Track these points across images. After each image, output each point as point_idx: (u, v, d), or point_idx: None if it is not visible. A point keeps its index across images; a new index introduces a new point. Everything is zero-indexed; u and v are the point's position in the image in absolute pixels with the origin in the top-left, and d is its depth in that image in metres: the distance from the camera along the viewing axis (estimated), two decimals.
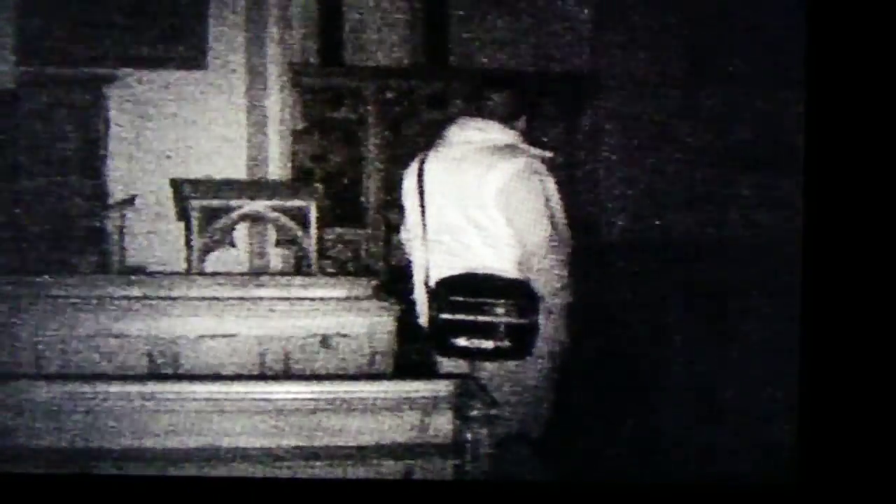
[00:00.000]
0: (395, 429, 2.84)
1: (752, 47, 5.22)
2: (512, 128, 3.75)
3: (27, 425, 2.73)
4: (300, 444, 2.80)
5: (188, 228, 5.70)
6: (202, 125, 6.35)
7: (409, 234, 3.86)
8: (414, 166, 3.82)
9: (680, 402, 4.64)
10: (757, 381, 4.23)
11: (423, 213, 3.76)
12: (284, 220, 5.80)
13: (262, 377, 3.58)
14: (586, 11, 6.81)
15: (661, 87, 6.34)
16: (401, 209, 3.93)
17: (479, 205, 3.64)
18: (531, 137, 3.82)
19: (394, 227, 6.42)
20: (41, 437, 2.73)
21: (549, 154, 3.77)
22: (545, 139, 3.90)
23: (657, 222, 6.17)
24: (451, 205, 3.69)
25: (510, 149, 3.69)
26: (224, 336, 3.70)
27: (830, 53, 2.97)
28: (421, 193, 3.76)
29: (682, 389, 4.73)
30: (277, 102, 6.54)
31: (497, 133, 3.72)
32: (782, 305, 3.31)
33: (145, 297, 3.91)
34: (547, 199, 3.66)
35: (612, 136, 6.79)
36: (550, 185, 3.70)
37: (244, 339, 3.71)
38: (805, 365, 2.98)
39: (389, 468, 2.80)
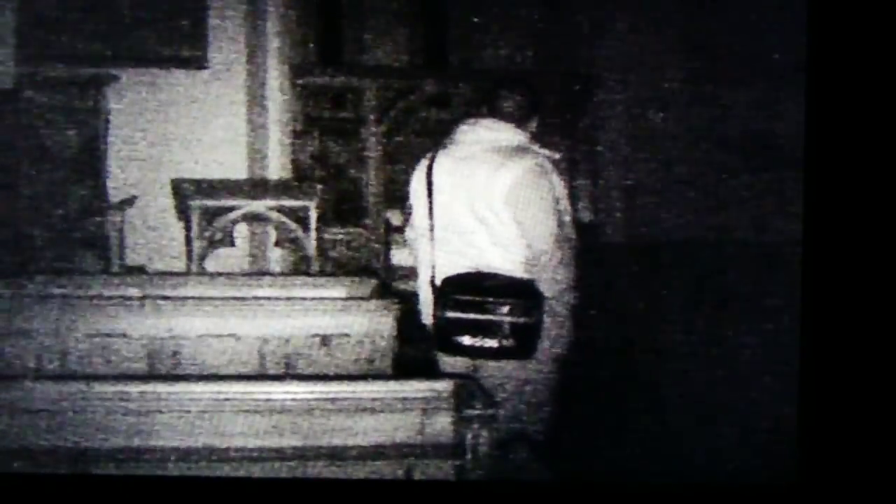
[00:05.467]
0: (395, 429, 2.83)
1: (752, 47, 5.22)
2: (523, 129, 3.76)
3: (27, 425, 2.73)
4: (300, 444, 2.80)
5: (188, 228, 5.70)
6: (202, 125, 6.35)
7: (416, 232, 3.86)
8: (423, 164, 3.82)
9: (680, 401, 4.64)
10: (757, 381, 4.23)
11: (430, 210, 3.76)
12: (284, 220, 5.80)
13: (262, 377, 3.58)
14: (586, 11, 6.82)
15: (660, 87, 6.34)
16: (403, 208, 3.94)
17: (487, 204, 3.65)
18: (540, 138, 3.83)
19: (393, 228, 6.43)
20: (41, 437, 2.73)
21: (557, 155, 3.79)
22: (545, 139, 3.90)
23: (657, 222, 6.17)
24: (460, 204, 3.70)
25: (520, 149, 3.70)
26: (224, 336, 3.70)
27: (830, 53, 2.97)
28: (429, 192, 3.76)
29: (683, 389, 4.73)
30: (277, 102, 6.54)
31: (507, 133, 3.73)
32: (782, 305, 3.31)
33: (145, 297, 3.91)
34: (555, 200, 3.67)
35: (612, 136, 6.78)
36: (559, 185, 3.71)
37: (244, 339, 3.71)
38: (805, 365, 2.98)
39: (389, 468, 2.80)
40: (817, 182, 2.99)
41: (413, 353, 3.85)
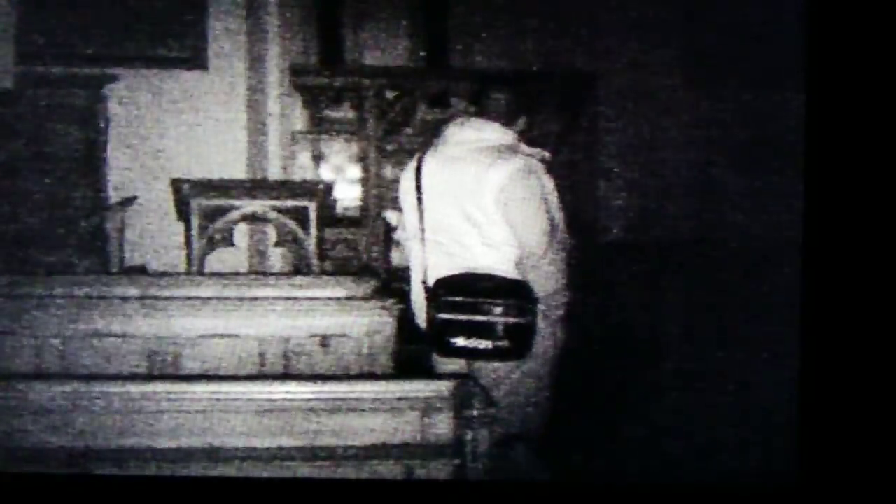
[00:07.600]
0: (395, 429, 2.83)
1: (752, 47, 5.22)
2: (511, 128, 3.75)
3: (27, 425, 2.73)
4: (300, 444, 2.80)
5: (188, 228, 5.70)
6: (202, 125, 6.35)
7: (407, 233, 3.86)
8: (412, 165, 3.82)
9: (679, 401, 4.64)
10: (757, 381, 4.23)
11: (420, 212, 3.76)
12: (284, 220, 5.80)
13: (262, 377, 3.58)
14: (586, 11, 6.82)
15: (660, 87, 6.34)
16: (399, 209, 3.93)
17: (477, 204, 3.64)
18: (530, 137, 3.83)
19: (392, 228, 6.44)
20: (41, 437, 2.73)
21: (547, 154, 3.78)
22: (544, 139, 3.90)
23: (657, 222, 6.17)
24: (449, 204, 3.69)
25: (508, 149, 3.69)
26: (224, 336, 3.70)
27: (830, 53, 2.97)
28: (419, 193, 3.75)
29: (682, 389, 4.73)
30: (277, 102, 6.55)
31: (495, 133, 3.72)
32: (782, 305, 3.31)
33: (145, 297, 3.91)
34: (545, 200, 3.66)
35: (611, 136, 6.79)
36: (549, 185, 3.70)
37: (244, 339, 3.71)
38: (805, 365, 2.98)
39: (389, 468, 2.79)
40: (817, 182, 2.99)
41: (413, 353, 3.85)
